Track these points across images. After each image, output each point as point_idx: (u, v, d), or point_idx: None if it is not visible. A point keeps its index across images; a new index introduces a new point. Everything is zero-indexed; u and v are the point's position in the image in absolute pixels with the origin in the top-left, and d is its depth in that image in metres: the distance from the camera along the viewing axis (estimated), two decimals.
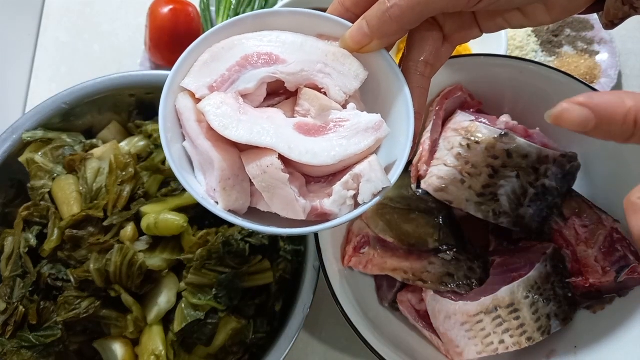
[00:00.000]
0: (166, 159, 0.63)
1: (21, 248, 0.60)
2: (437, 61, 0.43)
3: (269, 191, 0.38)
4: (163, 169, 0.63)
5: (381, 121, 0.39)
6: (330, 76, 0.41)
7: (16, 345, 0.57)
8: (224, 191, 0.39)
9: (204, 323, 0.58)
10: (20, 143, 0.65)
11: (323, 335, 0.73)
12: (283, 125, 0.39)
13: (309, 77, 0.41)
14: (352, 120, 0.39)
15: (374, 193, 0.39)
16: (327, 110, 0.40)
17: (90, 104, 0.68)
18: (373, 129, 0.39)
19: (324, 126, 0.39)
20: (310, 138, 0.39)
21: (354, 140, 0.39)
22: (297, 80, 0.41)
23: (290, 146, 0.37)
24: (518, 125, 0.64)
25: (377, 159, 0.39)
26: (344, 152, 0.38)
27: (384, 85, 0.43)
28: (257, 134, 0.37)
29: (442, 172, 0.63)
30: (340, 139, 0.39)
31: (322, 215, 0.39)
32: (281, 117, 0.40)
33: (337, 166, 0.39)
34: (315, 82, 0.41)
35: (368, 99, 0.44)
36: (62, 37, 0.96)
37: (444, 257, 0.60)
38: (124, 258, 0.57)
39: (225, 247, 0.59)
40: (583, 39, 0.90)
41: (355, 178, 0.39)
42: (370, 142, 0.39)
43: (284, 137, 0.38)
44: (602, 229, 0.62)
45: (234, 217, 0.39)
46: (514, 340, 0.57)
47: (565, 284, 0.61)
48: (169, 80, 0.41)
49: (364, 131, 0.39)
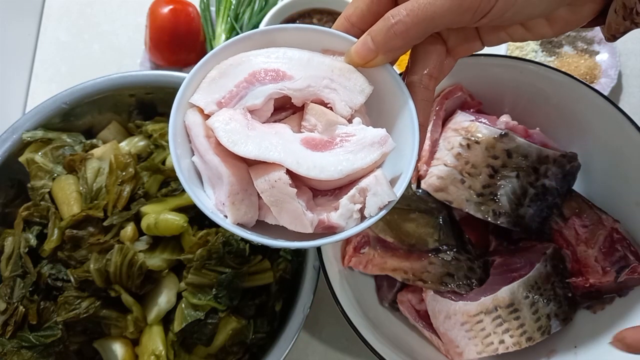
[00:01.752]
0: (167, 161, 0.64)
1: (21, 248, 0.60)
2: (440, 74, 0.44)
3: (277, 205, 0.38)
4: (163, 169, 0.63)
5: (387, 135, 0.40)
6: (336, 91, 0.41)
7: (16, 345, 0.57)
8: (233, 205, 0.39)
9: (204, 323, 0.58)
10: (20, 143, 0.65)
11: (323, 335, 0.73)
12: (290, 140, 0.40)
13: (316, 92, 0.41)
14: (358, 135, 0.40)
15: (380, 207, 0.39)
16: (334, 125, 0.40)
17: (90, 104, 0.68)
18: (379, 143, 0.40)
19: (331, 141, 0.40)
20: (317, 153, 0.39)
21: (360, 155, 0.39)
22: (304, 96, 0.41)
23: (298, 161, 0.38)
24: (518, 125, 0.64)
25: (382, 173, 0.40)
26: (350, 166, 0.39)
27: (388, 99, 0.44)
28: (266, 149, 0.38)
29: (442, 172, 0.63)
30: (346, 153, 0.39)
31: (329, 228, 0.40)
32: (288, 132, 0.40)
33: (343, 180, 0.40)
34: (322, 98, 0.42)
35: (373, 113, 0.44)
36: (62, 37, 0.96)
37: (444, 257, 0.60)
38: (124, 258, 0.57)
39: (225, 247, 0.59)
40: (583, 39, 0.90)
41: (362, 192, 0.40)
42: (376, 157, 0.39)
43: (292, 152, 0.38)
44: (602, 229, 0.62)
45: (242, 230, 0.40)
46: (514, 340, 0.57)
47: (565, 284, 0.61)
48: (178, 96, 0.41)
49: (369, 145, 0.40)
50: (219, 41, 0.87)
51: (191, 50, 0.85)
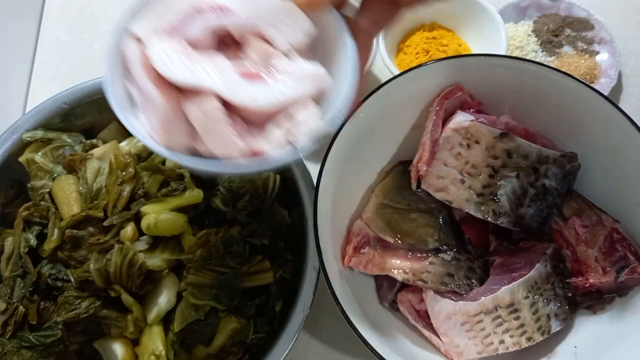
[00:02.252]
0: (168, 161, 0.64)
1: (21, 248, 0.60)
2: (384, 22, 0.47)
3: (208, 132, 0.40)
4: (163, 169, 0.63)
5: (323, 71, 0.42)
6: (278, 28, 0.43)
7: (16, 345, 0.57)
8: (164, 131, 0.40)
9: (204, 323, 0.58)
10: (20, 143, 0.65)
11: (323, 335, 0.73)
12: (227, 71, 0.41)
13: (257, 28, 0.43)
14: (294, 69, 0.42)
15: (309, 135, 0.40)
16: (271, 58, 0.42)
17: (90, 104, 0.68)
18: (314, 78, 0.42)
19: (267, 73, 0.42)
20: (252, 84, 0.41)
21: (294, 87, 0.41)
22: (245, 31, 0.43)
23: (232, 90, 0.39)
24: (518, 125, 0.64)
25: (312, 103, 0.41)
26: (283, 97, 0.40)
27: (331, 43, 0.45)
28: (201, 78, 0.39)
29: (442, 172, 0.63)
30: (281, 85, 0.41)
31: (258, 154, 0.41)
32: (225, 63, 0.42)
33: (276, 111, 0.41)
34: (263, 33, 0.43)
35: (316, 56, 0.45)
36: (62, 37, 0.96)
37: (444, 257, 0.60)
38: (124, 258, 0.57)
39: (225, 247, 0.59)
40: (583, 39, 0.90)
41: (289, 118, 0.41)
42: (310, 89, 0.41)
43: (227, 82, 0.40)
44: (602, 229, 0.62)
45: (174, 154, 0.40)
46: (514, 340, 0.57)
47: (565, 284, 0.61)
48: (117, 23, 0.42)
49: (304, 79, 0.42)
50: None
51: None
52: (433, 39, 0.86)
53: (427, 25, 0.88)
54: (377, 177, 0.70)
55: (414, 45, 0.86)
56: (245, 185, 0.63)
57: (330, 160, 0.61)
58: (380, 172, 0.70)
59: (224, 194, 0.63)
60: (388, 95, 0.64)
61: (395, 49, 0.87)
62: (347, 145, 0.63)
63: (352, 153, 0.64)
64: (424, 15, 0.87)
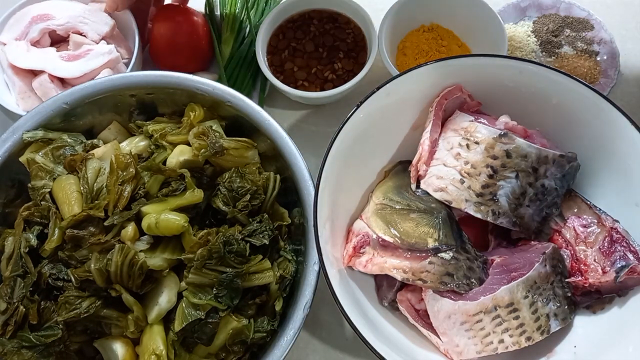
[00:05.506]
0: (168, 162, 0.66)
1: (22, 248, 0.60)
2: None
3: (44, 96, 0.77)
4: (164, 169, 0.63)
5: (113, 48, 0.79)
6: (88, 24, 0.81)
7: (16, 345, 0.57)
8: (22, 100, 0.78)
9: (205, 322, 0.59)
10: (20, 143, 0.65)
11: (323, 335, 0.73)
12: (53, 56, 0.78)
13: (74, 26, 0.80)
14: (95, 50, 0.79)
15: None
16: (82, 45, 0.79)
17: (91, 104, 0.69)
18: (107, 53, 0.79)
19: (79, 55, 0.79)
20: (69, 62, 0.78)
21: (94, 61, 0.78)
22: (66, 29, 0.80)
23: (55, 68, 0.77)
24: (517, 126, 0.64)
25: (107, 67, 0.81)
26: (86, 67, 0.77)
27: (125, 26, 0.85)
28: (36, 62, 0.77)
29: (441, 172, 0.63)
30: (86, 60, 0.78)
31: None
32: (53, 51, 0.79)
33: (87, 76, 0.78)
34: (79, 29, 0.81)
35: (115, 39, 0.84)
36: None
37: (444, 256, 0.60)
38: (125, 258, 0.57)
39: (225, 246, 0.59)
40: (583, 39, 0.90)
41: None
42: (103, 60, 0.78)
43: (52, 63, 0.77)
44: (601, 229, 0.62)
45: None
46: (513, 339, 0.57)
47: (564, 284, 0.61)
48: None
49: (101, 55, 0.79)
50: (226, 45, 0.87)
51: (190, 60, 0.86)
52: (433, 39, 0.87)
53: (426, 25, 0.88)
54: (377, 177, 0.70)
55: (414, 46, 0.86)
56: (245, 185, 0.64)
57: (330, 160, 0.61)
58: (380, 172, 0.70)
59: (224, 194, 0.63)
60: (387, 95, 0.64)
61: (395, 49, 0.87)
62: (347, 145, 0.63)
63: (352, 153, 0.64)
64: (424, 16, 0.87)
